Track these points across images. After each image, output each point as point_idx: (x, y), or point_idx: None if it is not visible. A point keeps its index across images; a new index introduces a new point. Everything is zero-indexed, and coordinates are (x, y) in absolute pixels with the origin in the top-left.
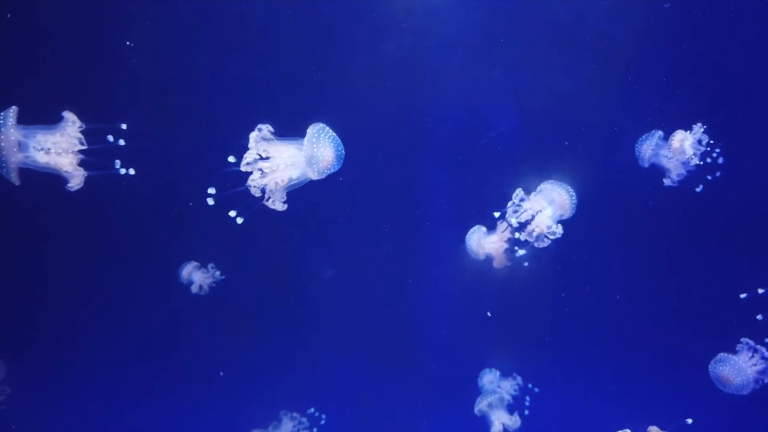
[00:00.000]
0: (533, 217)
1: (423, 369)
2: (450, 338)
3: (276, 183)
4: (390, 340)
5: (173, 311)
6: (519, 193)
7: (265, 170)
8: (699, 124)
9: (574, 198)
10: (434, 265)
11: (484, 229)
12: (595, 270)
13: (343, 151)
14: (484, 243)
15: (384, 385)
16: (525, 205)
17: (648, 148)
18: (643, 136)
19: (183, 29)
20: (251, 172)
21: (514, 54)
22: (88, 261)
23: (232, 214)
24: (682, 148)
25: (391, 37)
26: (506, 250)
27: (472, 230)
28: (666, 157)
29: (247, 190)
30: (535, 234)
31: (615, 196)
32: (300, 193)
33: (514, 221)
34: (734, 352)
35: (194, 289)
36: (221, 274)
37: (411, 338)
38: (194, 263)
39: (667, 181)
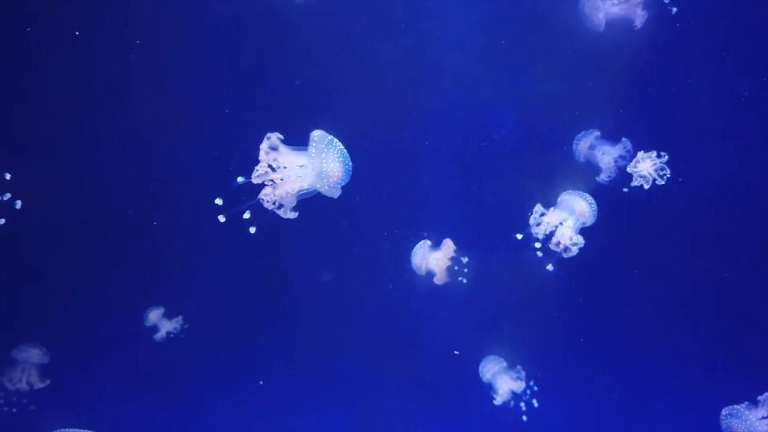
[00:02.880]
0: (556, 228)
1: (423, 373)
2: (451, 343)
3: (287, 192)
4: (390, 345)
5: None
6: (538, 208)
7: (276, 181)
8: (663, 154)
9: (593, 205)
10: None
11: (429, 243)
12: (601, 278)
13: (351, 165)
14: (428, 259)
15: (383, 390)
16: (545, 219)
17: (584, 146)
18: (580, 134)
19: (183, 33)
20: (259, 181)
21: (516, 56)
22: (103, 263)
23: (247, 216)
24: (642, 168)
25: (392, 39)
26: (449, 267)
27: (417, 245)
28: (598, 157)
29: (255, 200)
30: (560, 246)
31: (621, 200)
32: (300, 197)
33: (539, 239)
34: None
35: (158, 336)
36: (181, 327)
37: (411, 342)
38: (162, 310)
39: (599, 179)
